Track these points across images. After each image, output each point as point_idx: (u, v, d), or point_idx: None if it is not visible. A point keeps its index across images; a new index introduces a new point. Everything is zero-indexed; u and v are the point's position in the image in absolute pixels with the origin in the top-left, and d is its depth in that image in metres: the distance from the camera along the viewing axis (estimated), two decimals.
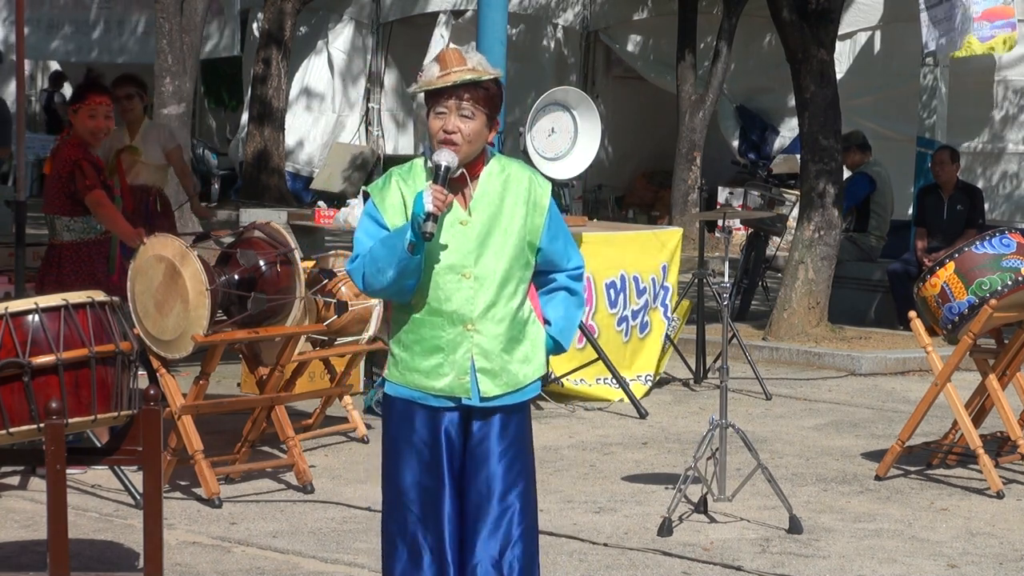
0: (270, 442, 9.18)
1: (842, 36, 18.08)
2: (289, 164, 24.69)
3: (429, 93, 5.15)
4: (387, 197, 5.17)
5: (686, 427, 10.30)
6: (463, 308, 5.14)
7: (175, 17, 13.72)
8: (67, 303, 5.86)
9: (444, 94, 5.12)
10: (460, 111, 5.11)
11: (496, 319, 5.18)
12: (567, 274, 5.37)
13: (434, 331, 5.16)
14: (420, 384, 5.20)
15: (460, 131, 5.11)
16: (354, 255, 5.16)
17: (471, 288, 5.14)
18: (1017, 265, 8.64)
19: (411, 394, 5.22)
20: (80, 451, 6.83)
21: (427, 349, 5.18)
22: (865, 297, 14.75)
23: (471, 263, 5.14)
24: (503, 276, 5.17)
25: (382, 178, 5.23)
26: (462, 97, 5.11)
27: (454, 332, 5.16)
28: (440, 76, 5.12)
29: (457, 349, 5.16)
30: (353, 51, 25.65)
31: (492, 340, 5.18)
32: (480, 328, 5.16)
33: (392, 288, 5.11)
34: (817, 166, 13.53)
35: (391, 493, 5.25)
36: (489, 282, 5.16)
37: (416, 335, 5.19)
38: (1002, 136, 19.41)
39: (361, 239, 5.16)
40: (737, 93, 23.14)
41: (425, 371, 5.18)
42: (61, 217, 8.98)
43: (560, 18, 24.75)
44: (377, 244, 5.08)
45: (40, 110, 29.09)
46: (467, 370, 5.17)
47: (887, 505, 8.44)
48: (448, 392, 5.19)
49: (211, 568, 7.01)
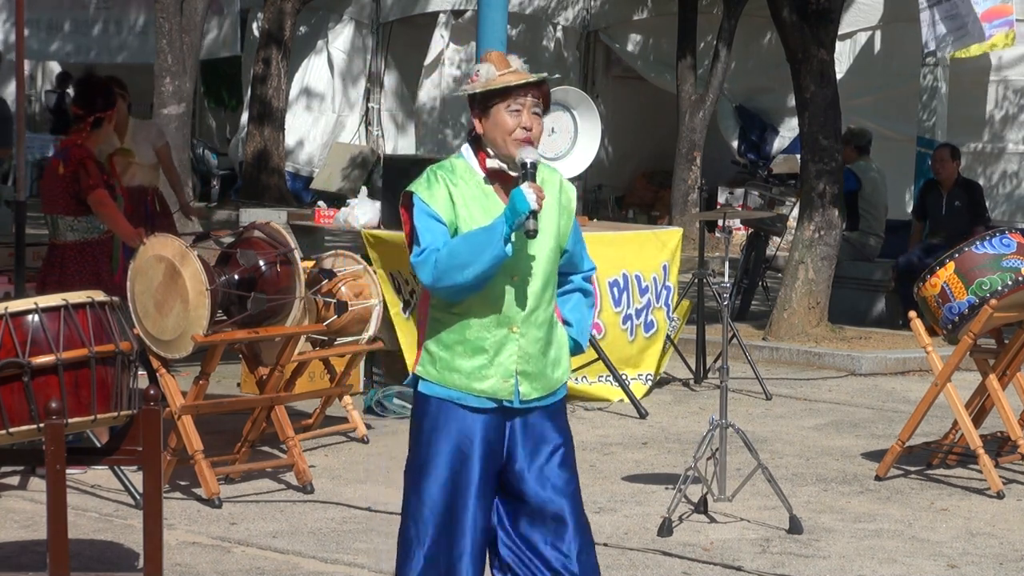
0: (270, 442, 9.18)
1: (842, 36, 18.08)
2: (289, 164, 24.69)
3: (495, 91, 5.14)
4: (436, 194, 5.15)
5: (686, 427, 10.30)
6: (510, 310, 5.17)
7: (175, 17, 13.72)
8: (67, 303, 5.85)
9: (518, 91, 5.14)
10: (532, 109, 5.16)
11: (537, 322, 5.21)
12: (582, 276, 5.44)
13: (480, 332, 5.17)
14: (461, 384, 5.19)
15: (534, 128, 5.16)
16: (420, 248, 5.11)
17: (518, 290, 5.17)
18: (1017, 265, 8.64)
19: (450, 394, 5.20)
20: (80, 451, 6.83)
21: (471, 350, 5.18)
22: (865, 297, 14.76)
23: (518, 265, 5.16)
24: (544, 279, 5.22)
25: (424, 177, 5.21)
26: (534, 95, 5.16)
27: (500, 334, 5.17)
28: (502, 75, 5.15)
29: (502, 351, 5.18)
30: (353, 51, 25.64)
31: (533, 343, 5.21)
32: (524, 331, 5.19)
33: (468, 284, 5.08)
34: (817, 166, 13.53)
35: (415, 495, 5.21)
36: (533, 284, 5.19)
37: (459, 335, 5.18)
38: (1002, 136, 19.41)
39: (426, 233, 5.11)
40: (737, 93, 23.14)
41: (467, 372, 5.18)
42: (64, 217, 8.98)
43: (560, 18, 24.74)
44: (459, 241, 5.07)
45: (41, 110, 29.07)
46: (511, 372, 5.18)
47: (887, 505, 8.44)
48: (491, 393, 5.19)
49: (211, 568, 7.01)
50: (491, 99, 5.15)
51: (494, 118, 5.15)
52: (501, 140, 5.15)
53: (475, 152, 5.23)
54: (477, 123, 5.20)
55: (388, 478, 8.76)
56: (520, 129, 5.14)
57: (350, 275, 9.37)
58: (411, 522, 5.21)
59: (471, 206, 5.15)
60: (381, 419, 10.25)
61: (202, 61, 19.30)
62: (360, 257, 9.94)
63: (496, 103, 5.15)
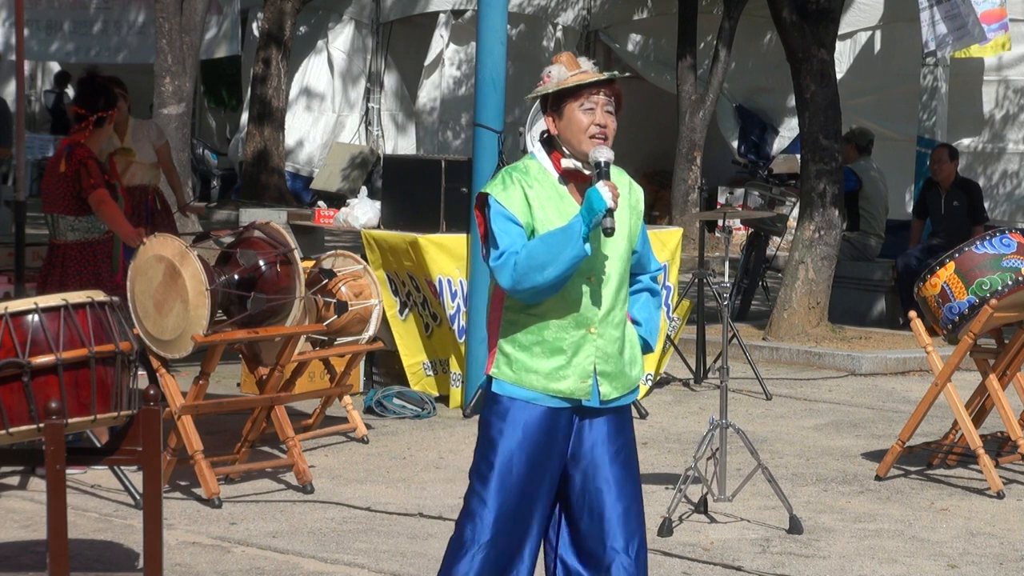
0: (270, 442, 9.18)
1: (842, 36, 18.08)
2: (289, 164, 24.68)
3: (568, 91, 5.17)
4: (512, 196, 5.16)
5: (686, 427, 10.30)
6: (587, 311, 5.19)
7: (175, 17, 13.71)
8: (67, 303, 5.85)
9: (590, 90, 5.17)
10: (605, 107, 5.20)
11: (614, 323, 5.24)
12: (650, 276, 5.47)
13: (558, 333, 5.19)
14: (538, 385, 5.20)
15: (608, 125, 5.19)
16: (499, 252, 5.12)
17: (595, 292, 5.19)
18: (1017, 265, 8.64)
19: (527, 394, 5.21)
20: (80, 451, 6.82)
21: (549, 351, 5.19)
22: (865, 297, 14.76)
23: (595, 266, 5.18)
24: (619, 279, 5.25)
25: (499, 179, 5.23)
26: (606, 93, 5.19)
27: (578, 335, 5.19)
28: (573, 75, 5.18)
29: (579, 352, 5.20)
30: (353, 51, 25.64)
31: (611, 343, 5.23)
32: (601, 332, 5.21)
33: (547, 286, 5.10)
34: (817, 166, 13.53)
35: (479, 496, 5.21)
36: (609, 285, 5.22)
37: (537, 336, 5.20)
38: (1002, 136, 19.41)
39: (503, 236, 5.12)
40: (737, 93, 23.14)
41: (545, 372, 5.19)
42: (66, 216, 8.97)
43: (560, 18, 24.74)
44: (538, 242, 5.09)
45: (41, 110, 29.07)
46: (589, 373, 5.20)
47: (887, 505, 8.44)
48: (568, 394, 5.21)
49: (211, 568, 7.01)
50: (564, 99, 5.19)
51: (568, 117, 5.19)
52: (576, 139, 5.18)
53: (548, 153, 5.25)
54: (551, 124, 5.23)
55: (388, 478, 8.77)
56: (594, 126, 5.17)
57: (350, 275, 9.37)
58: (469, 522, 5.21)
59: (547, 207, 5.17)
60: (381, 419, 10.25)
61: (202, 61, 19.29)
62: (360, 257, 9.95)
63: (569, 102, 5.18)
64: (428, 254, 10.50)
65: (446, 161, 10.91)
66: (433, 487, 8.57)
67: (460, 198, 10.56)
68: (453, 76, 24.44)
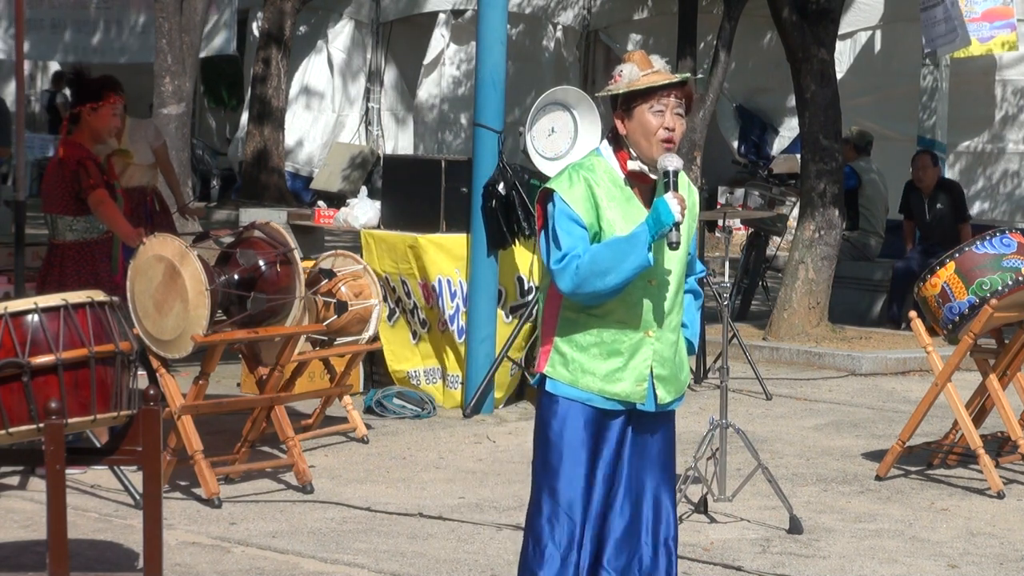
0: (270, 442, 9.18)
1: (842, 36, 18.07)
2: (289, 164, 24.68)
3: (638, 92, 5.14)
4: (577, 194, 5.14)
5: (686, 427, 10.28)
6: (648, 314, 5.19)
7: (175, 17, 13.70)
8: (67, 303, 5.85)
9: (661, 92, 5.14)
10: (675, 109, 5.16)
11: (671, 326, 5.25)
12: (695, 277, 5.46)
13: (617, 335, 5.18)
14: (595, 387, 5.20)
15: (676, 128, 5.15)
16: (561, 254, 5.10)
17: (655, 295, 5.19)
18: (1018, 265, 8.64)
19: (582, 395, 5.21)
20: (80, 451, 6.82)
21: (606, 352, 5.19)
22: (865, 297, 14.76)
23: (656, 271, 5.17)
24: (677, 283, 5.24)
25: (565, 175, 5.20)
26: (676, 95, 5.16)
27: (636, 337, 5.19)
28: (645, 75, 5.15)
29: (636, 355, 5.19)
30: (353, 50, 25.64)
31: (668, 347, 5.24)
32: (659, 335, 5.21)
33: (608, 291, 5.08)
34: (817, 166, 13.53)
35: (548, 496, 5.22)
36: (669, 288, 5.22)
37: (596, 338, 5.19)
38: (1002, 136, 19.40)
39: (566, 237, 5.10)
40: (737, 93, 23.13)
41: (602, 374, 5.19)
42: (64, 217, 8.96)
43: (560, 18, 24.74)
44: (602, 248, 5.07)
45: (41, 110, 29.07)
46: (646, 376, 5.20)
47: (887, 505, 8.44)
48: (624, 397, 5.21)
49: (211, 568, 7.00)
50: (634, 100, 5.16)
51: (637, 119, 5.16)
52: (645, 141, 5.15)
53: (614, 152, 5.23)
54: (619, 123, 5.21)
55: (388, 478, 8.77)
56: (663, 130, 5.14)
57: (350, 275, 9.37)
58: (545, 523, 5.21)
59: (612, 208, 5.14)
60: (381, 419, 10.25)
61: (202, 61, 19.29)
62: (360, 257, 9.95)
63: (639, 104, 5.16)
64: (428, 254, 10.50)
65: (446, 161, 10.90)
66: (433, 487, 8.57)
67: (460, 198, 10.56)
68: (453, 76, 24.44)
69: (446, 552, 7.30)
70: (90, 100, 9.01)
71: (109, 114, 8.98)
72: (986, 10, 16.85)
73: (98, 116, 8.97)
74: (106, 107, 8.98)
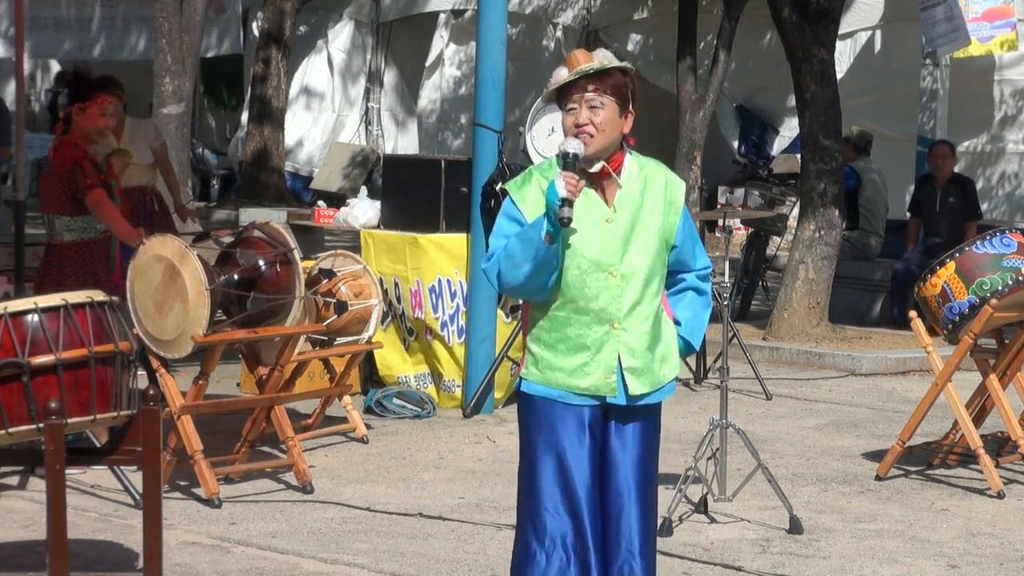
0: (270, 442, 9.18)
1: (842, 36, 18.07)
2: (289, 163, 24.68)
3: (560, 96, 5.18)
4: (527, 193, 5.17)
5: (686, 427, 10.29)
6: (610, 306, 5.16)
7: (175, 17, 13.70)
8: (66, 303, 5.85)
9: (572, 90, 5.15)
10: (588, 103, 5.15)
11: (641, 317, 5.20)
12: (695, 274, 5.41)
13: (580, 330, 5.17)
14: (563, 383, 5.19)
15: (591, 122, 5.14)
16: (489, 254, 5.15)
17: (618, 286, 5.16)
18: (1018, 265, 8.63)
19: (553, 392, 5.21)
20: (79, 451, 6.82)
21: (572, 348, 5.18)
22: (865, 297, 14.76)
23: (617, 261, 5.16)
24: (647, 274, 5.20)
25: (521, 175, 5.25)
26: (587, 88, 5.14)
27: (600, 331, 5.17)
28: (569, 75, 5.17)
29: (603, 348, 5.17)
30: (353, 50, 25.64)
31: (638, 338, 5.20)
32: (626, 326, 5.18)
33: (528, 284, 5.10)
34: (817, 166, 13.53)
35: (531, 497, 5.23)
36: (635, 280, 5.18)
37: (560, 334, 5.19)
38: (1002, 136, 19.40)
39: (497, 237, 5.15)
40: (737, 93, 23.13)
41: (569, 370, 5.18)
42: (61, 217, 8.95)
43: (560, 18, 24.73)
44: (513, 239, 5.09)
45: (41, 110, 29.07)
46: (613, 369, 5.18)
47: (887, 505, 8.43)
48: (593, 391, 5.19)
49: (211, 568, 7.00)
50: (560, 100, 5.20)
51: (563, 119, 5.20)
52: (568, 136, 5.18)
53: None
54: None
55: (388, 478, 8.77)
56: (574, 127, 5.15)
57: (350, 275, 9.37)
58: (530, 524, 5.22)
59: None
60: (381, 419, 10.25)
61: (202, 61, 19.30)
62: (360, 257, 9.95)
63: (562, 104, 5.20)
64: (428, 254, 10.50)
65: (446, 161, 10.90)
66: (433, 487, 8.57)
67: (460, 198, 10.56)
68: (453, 76, 24.43)
69: (446, 552, 7.30)
70: (79, 100, 9.00)
71: (96, 114, 8.95)
72: (986, 9, 16.85)
73: (85, 116, 8.96)
74: (93, 107, 8.95)
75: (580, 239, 5.12)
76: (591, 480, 5.19)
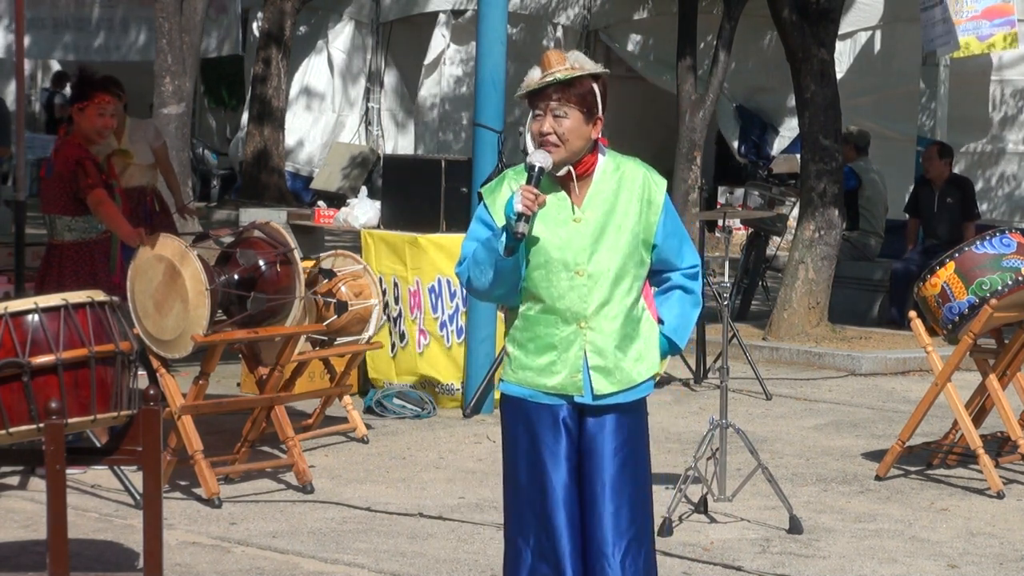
0: (270, 442, 9.18)
1: (842, 36, 18.07)
2: (289, 164, 24.69)
3: (530, 99, 5.16)
4: (498, 198, 5.18)
5: (686, 427, 10.29)
6: (576, 306, 5.15)
7: (175, 17, 13.70)
8: (67, 303, 5.85)
9: (539, 96, 5.14)
10: (553, 112, 5.13)
11: (610, 316, 5.18)
12: (682, 273, 5.38)
13: (548, 329, 5.18)
14: (533, 382, 5.20)
15: (554, 131, 5.12)
16: (461, 258, 5.19)
17: (584, 286, 5.15)
18: (1017, 265, 8.64)
19: (524, 392, 5.22)
20: (80, 451, 6.82)
21: (541, 347, 5.19)
22: (865, 297, 14.76)
23: (584, 260, 5.15)
24: (617, 273, 5.18)
25: (496, 180, 5.25)
26: (552, 98, 5.12)
27: (568, 330, 5.17)
28: (540, 80, 5.14)
29: (570, 347, 5.17)
30: (353, 51, 25.64)
31: (606, 337, 5.18)
32: (593, 325, 5.17)
33: (493, 291, 5.14)
34: (817, 166, 13.53)
35: (511, 496, 5.24)
36: (603, 280, 5.16)
37: (530, 333, 5.20)
38: (1002, 136, 19.40)
39: (468, 241, 5.18)
40: (737, 93, 23.13)
41: (538, 369, 5.19)
42: (62, 217, 8.95)
43: (560, 18, 24.73)
44: (480, 246, 5.11)
45: (41, 110, 29.08)
46: (580, 368, 5.17)
47: (887, 505, 8.44)
48: (560, 390, 5.19)
49: (211, 568, 7.00)
50: (530, 103, 5.18)
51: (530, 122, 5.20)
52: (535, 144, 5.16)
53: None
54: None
55: (388, 478, 8.77)
56: (539, 135, 5.13)
57: (350, 275, 9.37)
58: (514, 523, 5.22)
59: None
60: (381, 419, 10.25)
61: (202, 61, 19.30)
62: (360, 257, 9.95)
63: (531, 107, 5.18)
64: (428, 254, 10.50)
65: (446, 161, 10.91)
66: (433, 487, 8.57)
67: (460, 198, 10.56)
68: (453, 76, 24.43)
69: (446, 552, 7.30)
70: (79, 100, 9.02)
71: (94, 114, 8.96)
72: (986, 7, 16.86)
73: (84, 116, 8.97)
74: (91, 107, 8.96)
75: (547, 239, 5.12)
76: (568, 479, 5.18)
